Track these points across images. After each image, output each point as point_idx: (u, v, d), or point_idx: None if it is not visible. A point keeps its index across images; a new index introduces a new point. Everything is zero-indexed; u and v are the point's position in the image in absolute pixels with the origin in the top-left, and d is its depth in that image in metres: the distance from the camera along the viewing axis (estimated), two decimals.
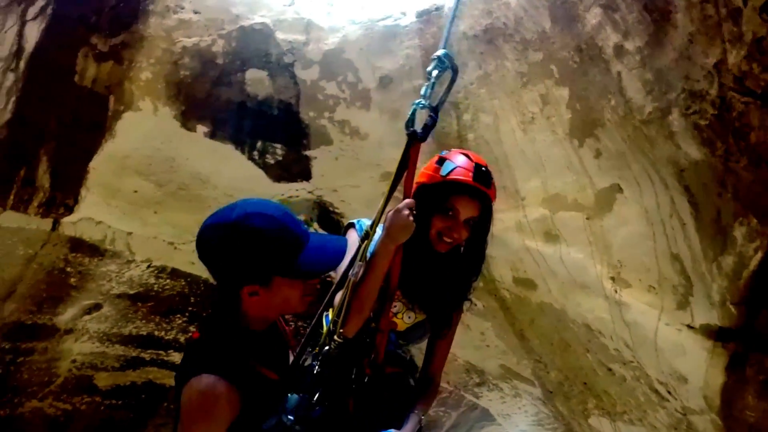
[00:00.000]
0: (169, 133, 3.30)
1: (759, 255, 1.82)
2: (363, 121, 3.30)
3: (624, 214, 2.40)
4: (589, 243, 2.62)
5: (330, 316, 1.76)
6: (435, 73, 1.76)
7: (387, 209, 1.75)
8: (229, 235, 1.41)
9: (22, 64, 2.91)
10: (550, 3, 2.26)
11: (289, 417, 1.54)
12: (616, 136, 2.25)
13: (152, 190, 3.47)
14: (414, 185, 1.79)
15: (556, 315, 2.93)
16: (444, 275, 1.92)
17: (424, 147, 1.79)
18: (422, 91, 1.73)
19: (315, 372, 1.65)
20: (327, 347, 1.68)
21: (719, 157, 1.79)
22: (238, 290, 1.48)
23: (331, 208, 3.76)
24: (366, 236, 1.72)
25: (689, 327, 2.18)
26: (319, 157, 3.50)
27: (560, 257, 2.79)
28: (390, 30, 3.02)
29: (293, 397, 1.60)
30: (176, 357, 3.86)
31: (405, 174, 1.74)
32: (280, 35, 3.17)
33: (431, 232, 1.82)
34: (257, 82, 3.27)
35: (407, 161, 1.73)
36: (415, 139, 1.70)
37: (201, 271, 3.84)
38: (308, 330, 1.82)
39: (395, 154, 3.20)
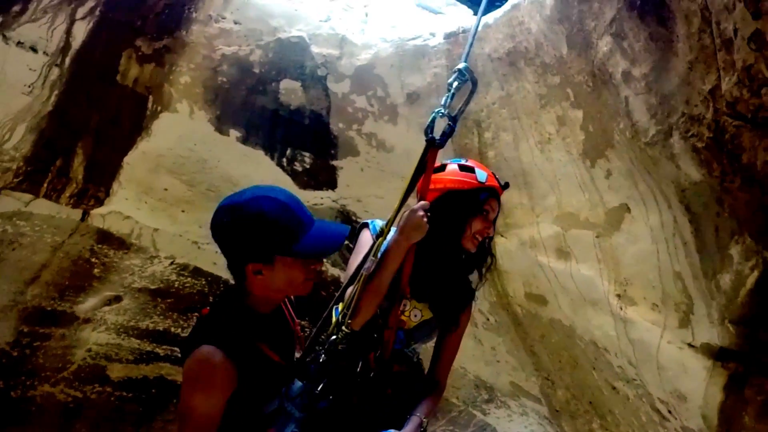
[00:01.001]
0: (203, 136, 3.60)
1: (755, 273, 1.98)
2: (390, 135, 3.56)
3: (632, 233, 2.57)
4: (598, 260, 2.79)
5: (340, 309, 1.88)
6: (455, 84, 1.90)
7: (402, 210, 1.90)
8: (237, 215, 1.55)
9: (67, 61, 3.21)
10: (567, 30, 2.48)
11: (292, 403, 1.66)
12: (624, 156, 2.44)
13: (182, 190, 3.75)
14: (435, 191, 1.96)
15: (566, 331, 3.08)
16: (454, 274, 2.06)
17: None
18: (442, 101, 1.89)
19: (321, 361, 1.78)
20: (334, 336, 1.80)
21: (716, 178, 1.97)
22: (243, 267, 1.60)
23: (354, 218, 3.99)
24: (381, 233, 1.88)
25: (690, 345, 2.32)
26: (345, 168, 3.76)
27: (570, 274, 2.96)
28: (419, 49, 3.28)
29: (297, 384, 1.73)
30: None
31: (421, 178, 1.90)
32: (315, 48, 3.47)
33: (466, 233, 1.97)
34: (291, 92, 3.57)
35: (424, 165, 1.89)
36: (433, 145, 1.86)
37: (222, 271, 4.11)
38: (319, 322, 1.93)
39: None
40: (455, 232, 1.96)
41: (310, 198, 3.95)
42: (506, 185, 2.09)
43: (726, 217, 2.02)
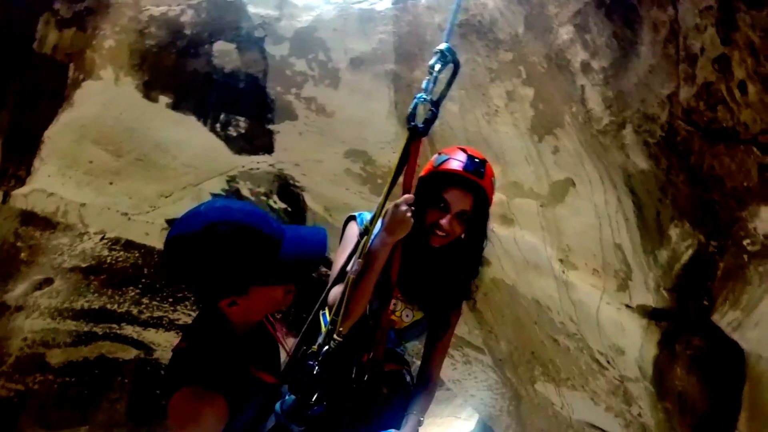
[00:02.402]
0: (131, 103, 3.35)
1: (690, 251, 2.26)
2: (330, 100, 3.49)
3: (575, 206, 2.79)
4: (542, 228, 3.02)
5: (328, 316, 1.78)
6: (437, 67, 1.71)
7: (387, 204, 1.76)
8: (194, 251, 1.35)
9: None
10: (526, 12, 2.53)
11: (288, 418, 1.58)
12: (574, 138, 2.61)
13: (109, 160, 3.51)
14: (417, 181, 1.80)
15: (508, 290, 3.35)
16: (441, 273, 1.94)
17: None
18: (423, 85, 1.72)
19: (314, 373, 1.64)
20: (327, 347, 1.67)
21: (662, 170, 2.18)
22: (216, 305, 1.45)
23: (291, 182, 3.96)
24: (365, 232, 1.73)
25: (627, 306, 2.63)
26: (282, 132, 3.67)
27: (514, 239, 3.18)
28: (365, 13, 3.20)
29: (290, 398, 1.61)
30: (129, 330, 3.96)
31: (405, 169, 1.74)
32: (252, 9, 3.27)
33: (425, 225, 1.82)
34: (225, 54, 3.37)
35: (408, 156, 1.72)
36: (416, 134, 1.70)
37: (155, 242, 3.97)
38: (304, 328, 1.82)
39: (362, 133, 3.55)
40: (417, 225, 1.77)
41: (246, 163, 3.86)
42: (477, 172, 1.81)
43: (668, 204, 2.26)
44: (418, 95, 1.70)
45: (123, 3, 3.04)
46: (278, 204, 4.02)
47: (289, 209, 4.07)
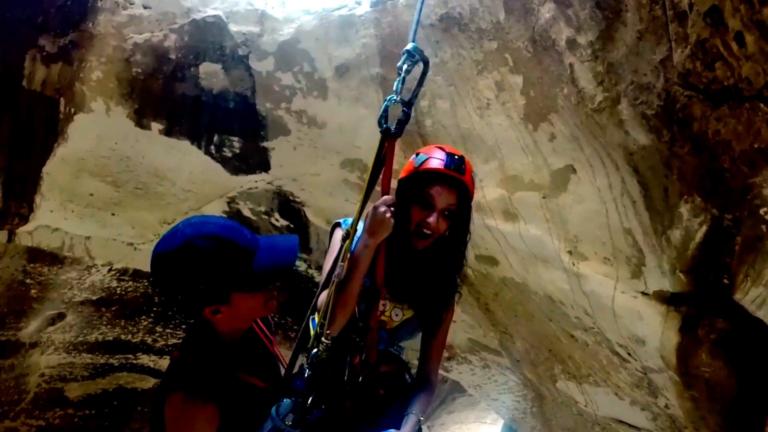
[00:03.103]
0: (124, 133, 3.25)
1: (704, 228, 2.04)
2: (320, 110, 3.34)
3: (578, 193, 2.58)
4: (546, 220, 2.81)
5: (317, 320, 1.77)
6: (405, 67, 1.69)
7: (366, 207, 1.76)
8: (175, 265, 1.43)
9: None
10: None
11: (284, 422, 1.56)
12: (569, 121, 2.41)
13: (109, 192, 3.41)
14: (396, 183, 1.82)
15: (518, 288, 3.13)
16: (427, 271, 1.91)
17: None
18: (394, 87, 1.70)
19: (306, 375, 1.67)
20: (315, 350, 1.69)
21: (665, 143, 1.97)
22: (200, 313, 1.51)
23: (291, 197, 3.81)
24: (346, 236, 1.73)
25: (644, 294, 2.41)
26: (277, 148, 3.53)
27: (519, 234, 2.97)
28: (345, 19, 3.05)
29: (286, 402, 1.61)
30: (145, 359, 3.85)
31: (382, 171, 1.72)
32: (233, 27, 3.15)
33: (411, 225, 1.81)
34: (212, 75, 3.25)
35: (383, 158, 1.71)
36: (389, 136, 1.68)
37: None
38: (297, 336, 1.83)
39: (354, 141, 3.38)
40: (401, 224, 1.78)
41: (243, 183, 3.73)
42: (458, 168, 1.80)
43: (674, 179, 2.04)
44: (389, 96, 1.69)
45: (106, 33, 2.95)
46: (280, 222, 3.87)
47: (292, 226, 3.92)
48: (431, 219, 1.79)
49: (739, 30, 1.47)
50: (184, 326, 3.83)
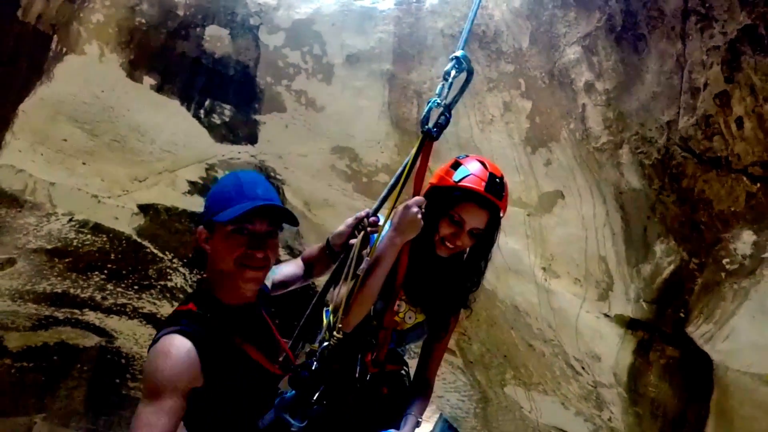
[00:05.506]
0: (113, 82, 3.33)
1: (672, 267, 2.54)
2: (322, 94, 3.59)
3: (563, 216, 3.02)
4: (527, 236, 3.25)
5: (330, 310, 1.85)
6: (452, 73, 1.83)
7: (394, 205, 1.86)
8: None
9: None
10: (533, 27, 2.74)
11: (288, 414, 1.62)
12: (568, 152, 2.84)
13: (84, 140, 3.48)
14: (428, 184, 1.92)
15: (486, 294, 3.56)
16: (446, 279, 2.02)
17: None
18: (437, 90, 1.83)
19: (313, 368, 1.71)
20: (327, 342, 1.75)
21: (654, 190, 2.44)
22: (197, 228, 1.68)
23: (272, 174, 4.02)
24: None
25: (606, 315, 2.90)
26: (268, 123, 3.73)
27: (498, 245, 3.39)
28: (366, 11, 3.32)
29: (290, 393, 1.66)
30: (91, 316, 3.92)
31: (416, 171, 1.84)
32: None
33: (435, 235, 1.91)
34: (217, 39, 3.41)
35: (419, 159, 1.83)
36: (429, 138, 1.81)
37: (124, 227, 3.96)
38: (302, 321, 1.91)
39: (350, 130, 3.67)
40: (426, 232, 1.87)
41: (225, 152, 3.88)
42: (498, 193, 1.88)
43: (656, 221, 2.53)
44: (432, 99, 1.82)
45: None
46: None
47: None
48: (457, 237, 1.88)
49: (741, 115, 1.93)
50: (136, 287, 3.96)
